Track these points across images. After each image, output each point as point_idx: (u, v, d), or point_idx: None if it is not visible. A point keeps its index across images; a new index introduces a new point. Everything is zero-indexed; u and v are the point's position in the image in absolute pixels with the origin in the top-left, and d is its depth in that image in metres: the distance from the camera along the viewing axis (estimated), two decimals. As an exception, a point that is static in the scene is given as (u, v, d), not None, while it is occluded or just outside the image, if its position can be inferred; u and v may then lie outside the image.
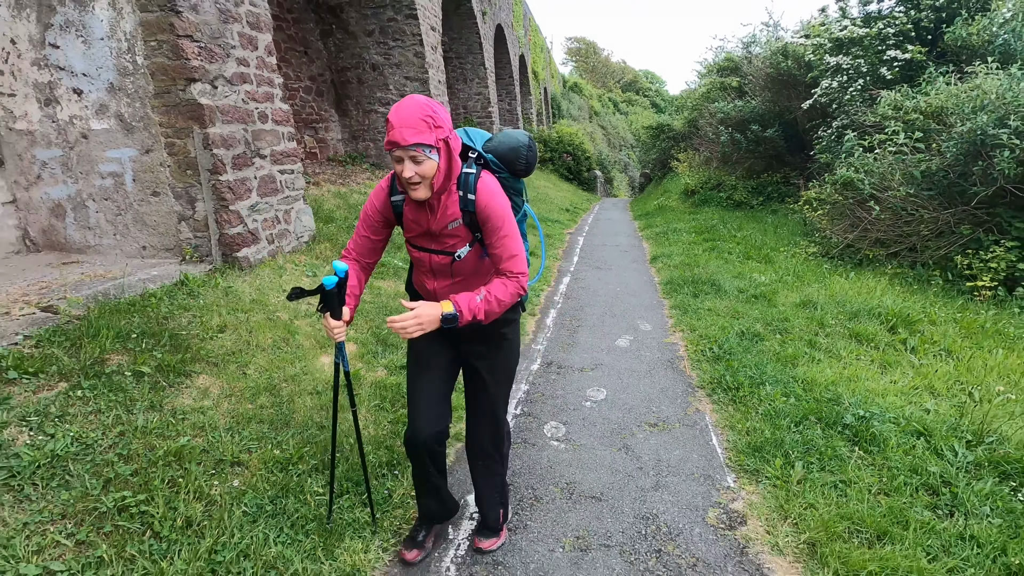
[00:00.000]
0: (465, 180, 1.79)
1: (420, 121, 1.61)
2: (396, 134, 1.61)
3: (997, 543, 2.02)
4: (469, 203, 1.78)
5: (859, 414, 2.93)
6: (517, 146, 1.94)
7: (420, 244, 1.88)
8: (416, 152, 1.63)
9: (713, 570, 2.05)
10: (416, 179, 1.66)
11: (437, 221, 1.80)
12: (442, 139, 1.67)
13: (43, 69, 3.92)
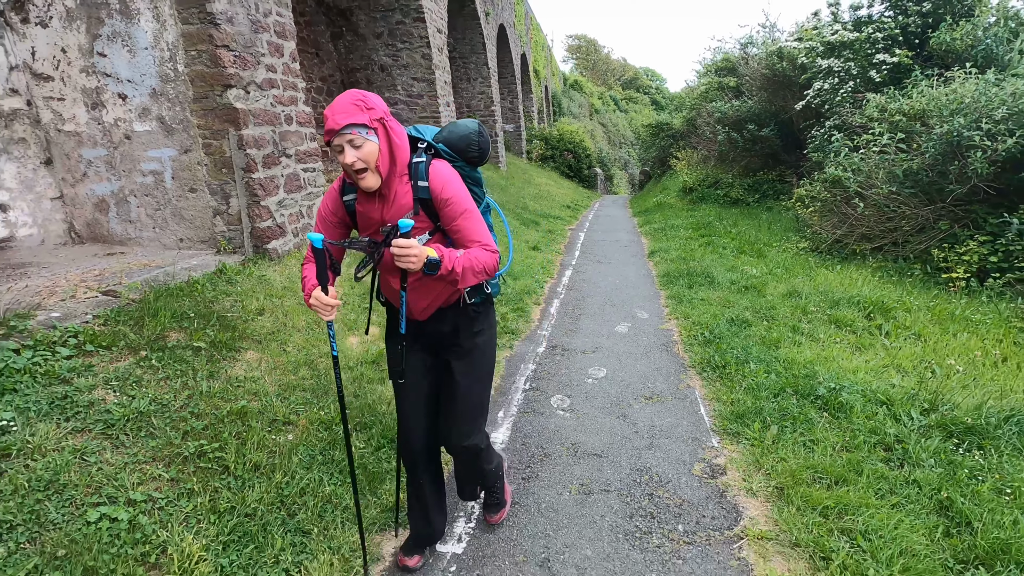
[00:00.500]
0: (416, 169, 1.78)
1: (350, 105, 1.63)
2: (329, 122, 1.62)
3: (935, 485, 2.42)
4: (421, 190, 1.76)
5: (831, 387, 3.32)
6: (467, 133, 1.94)
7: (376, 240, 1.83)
8: (352, 135, 1.62)
9: (696, 508, 2.45)
10: (360, 164, 1.65)
11: (391, 211, 1.77)
12: (376, 119, 1.66)
13: (91, 76, 4.30)
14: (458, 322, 1.99)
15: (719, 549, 2.19)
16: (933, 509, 2.30)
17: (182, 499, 2.13)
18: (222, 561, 1.90)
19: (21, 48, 4.30)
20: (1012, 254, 5.08)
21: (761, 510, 2.41)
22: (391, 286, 1.93)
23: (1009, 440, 2.71)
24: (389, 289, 1.97)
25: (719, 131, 12.00)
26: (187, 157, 4.36)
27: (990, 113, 5.32)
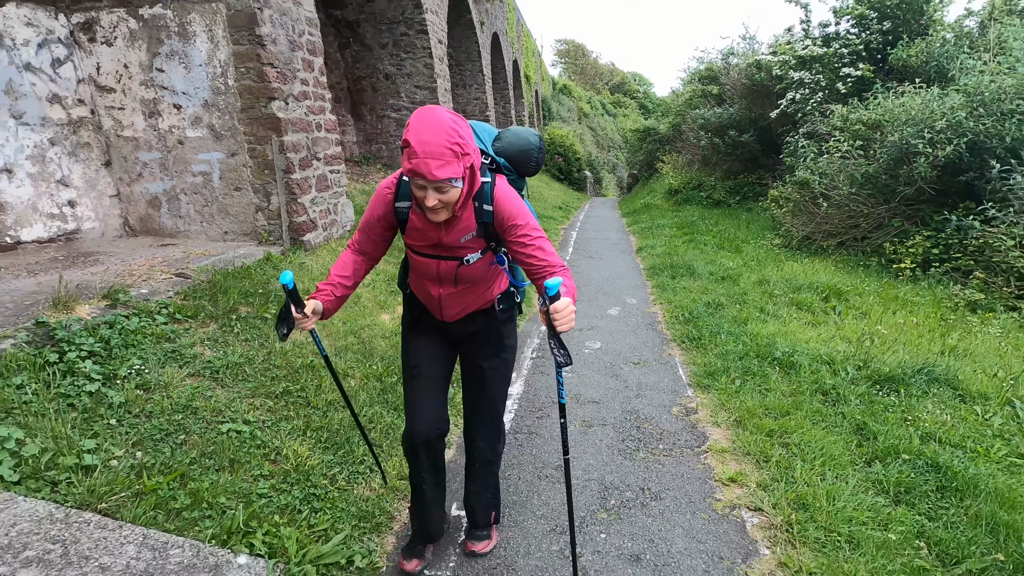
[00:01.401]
0: (481, 191, 1.74)
1: (446, 151, 1.51)
2: (421, 166, 1.51)
3: (856, 415, 3.17)
4: (485, 214, 1.74)
5: (785, 351, 4.08)
6: (528, 148, 1.92)
7: (426, 252, 1.83)
8: (443, 184, 1.56)
9: (673, 435, 3.18)
10: (439, 206, 1.62)
11: (451, 235, 1.76)
12: (467, 167, 1.60)
13: (149, 88, 4.96)
14: (487, 326, 2.02)
15: (689, 459, 2.92)
16: (851, 430, 3.05)
17: (282, 421, 2.82)
18: (324, 458, 2.60)
19: (87, 64, 4.95)
20: (950, 247, 5.91)
21: (723, 435, 3.15)
22: (428, 291, 1.92)
23: (919, 386, 3.47)
24: (425, 294, 1.95)
25: (702, 136, 12.84)
26: (233, 160, 5.03)
27: (932, 124, 6.15)
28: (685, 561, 2.18)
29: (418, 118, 1.52)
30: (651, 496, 2.60)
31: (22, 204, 4.59)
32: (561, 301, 1.55)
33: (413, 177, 1.54)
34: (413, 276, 1.98)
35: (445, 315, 1.95)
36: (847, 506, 2.35)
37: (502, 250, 1.89)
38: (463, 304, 1.94)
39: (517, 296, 2.09)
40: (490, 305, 1.99)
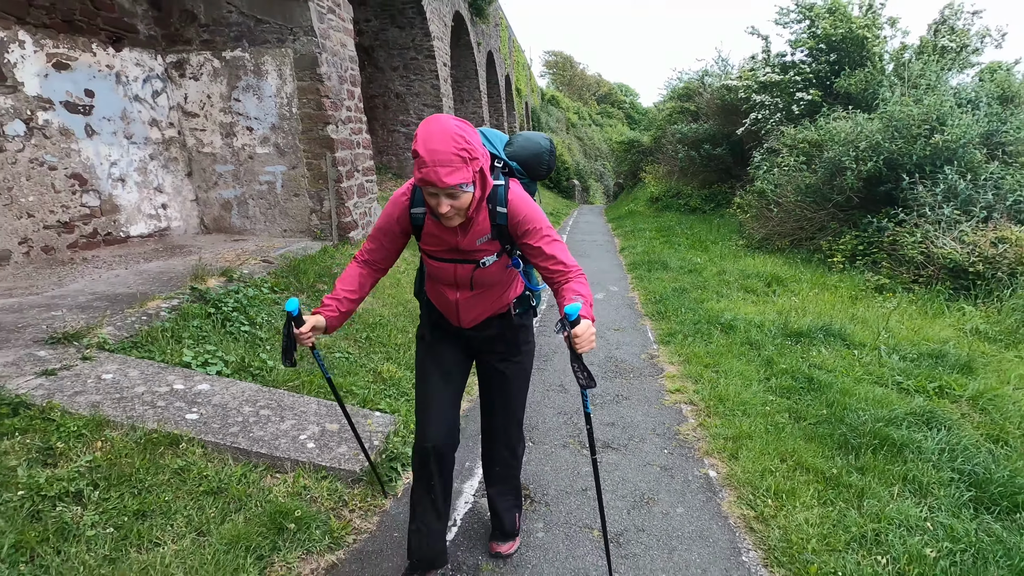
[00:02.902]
0: (495, 193, 1.79)
1: (455, 157, 1.55)
2: (431, 174, 1.55)
3: (768, 355, 4.56)
4: (499, 216, 1.79)
5: (728, 319, 5.48)
6: (539, 152, 1.96)
7: (442, 257, 1.86)
8: (454, 190, 1.59)
9: (639, 369, 4.55)
10: (453, 212, 1.65)
11: (467, 239, 1.80)
12: (477, 171, 1.63)
13: (227, 114, 6.28)
14: (504, 330, 2.04)
15: (649, 381, 4.29)
16: (762, 363, 4.44)
17: (371, 353, 4.15)
18: (406, 374, 3.94)
19: (178, 94, 6.27)
20: (871, 243, 7.40)
21: (674, 369, 4.53)
22: (446, 297, 1.94)
23: (818, 338, 4.88)
24: (442, 300, 1.98)
25: (680, 149, 14.39)
26: (294, 172, 6.36)
27: (858, 144, 7.67)
28: (642, 425, 3.53)
29: (425, 128, 1.57)
30: (623, 399, 3.96)
31: (131, 206, 5.88)
32: (581, 325, 1.62)
33: (425, 186, 1.59)
34: (429, 283, 2.01)
35: (462, 321, 1.97)
36: (746, 398, 3.74)
37: (517, 252, 1.93)
38: (480, 309, 1.96)
39: (533, 300, 2.12)
40: (506, 309, 2.02)
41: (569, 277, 1.79)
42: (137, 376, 3.12)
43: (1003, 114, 8.09)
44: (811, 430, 3.28)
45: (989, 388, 3.73)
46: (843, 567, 2.14)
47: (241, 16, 5.93)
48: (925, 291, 6.12)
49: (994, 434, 3.18)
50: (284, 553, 2.18)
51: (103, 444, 2.52)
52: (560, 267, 1.80)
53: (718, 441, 3.25)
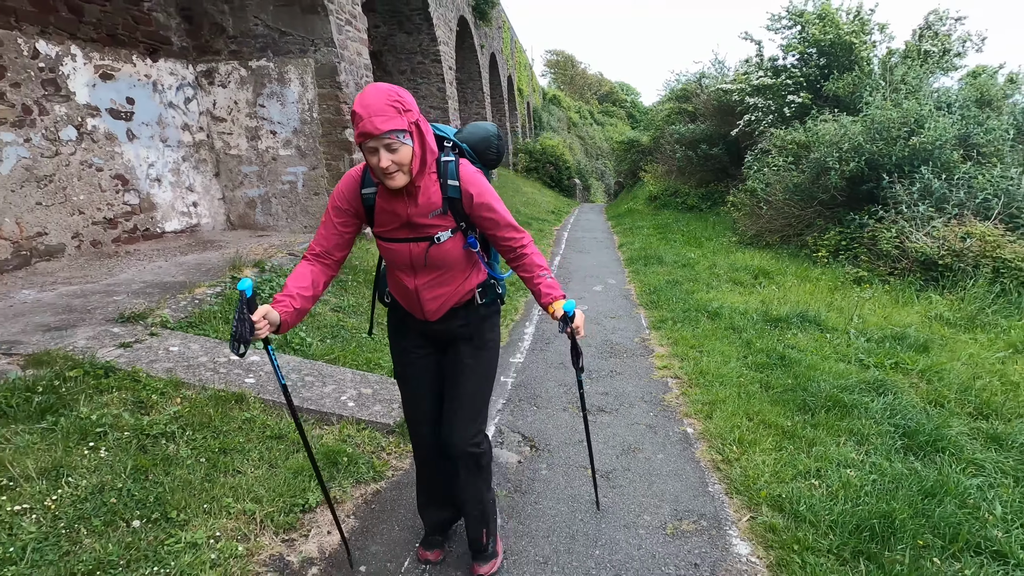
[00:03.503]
0: (445, 167, 1.82)
1: (388, 107, 1.61)
2: (367, 124, 1.60)
3: (748, 337, 5.11)
4: (451, 189, 1.81)
5: (715, 307, 6.03)
6: (487, 135, 2.03)
7: (396, 236, 1.86)
8: (391, 140, 1.62)
9: (632, 350, 5.10)
10: (393, 168, 1.66)
11: (418, 209, 1.80)
12: (412, 122, 1.67)
13: (252, 119, 6.83)
14: (469, 320, 2.04)
15: (640, 360, 4.83)
16: (742, 344, 4.98)
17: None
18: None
19: (207, 101, 6.82)
20: (853, 239, 7.93)
21: (663, 350, 5.07)
22: (405, 286, 1.94)
23: (794, 323, 5.42)
24: (401, 289, 1.98)
25: (677, 149, 14.92)
26: (314, 172, 6.91)
27: (841, 145, 8.20)
28: (632, 394, 4.08)
29: (361, 92, 1.65)
30: (616, 374, 4.51)
31: (166, 204, 6.44)
32: (578, 317, 1.91)
33: (364, 141, 1.63)
34: (390, 279, 2.01)
35: (426, 311, 1.96)
36: (724, 372, 4.28)
37: (474, 232, 1.95)
38: (442, 297, 1.95)
39: (499, 288, 2.11)
40: (470, 297, 2.01)
41: (525, 247, 1.96)
42: (198, 349, 3.68)
43: (980, 116, 8.62)
44: (777, 396, 3.83)
45: (937, 363, 4.28)
46: (787, 492, 2.68)
47: (267, 29, 6.48)
48: (899, 282, 6.65)
49: (934, 398, 3.72)
50: (339, 480, 2.73)
51: (182, 400, 3.07)
52: (514, 234, 1.94)
53: (696, 405, 3.79)
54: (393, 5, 10.48)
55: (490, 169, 2.13)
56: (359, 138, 1.64)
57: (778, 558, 2.30)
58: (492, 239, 1.97)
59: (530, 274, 1.97)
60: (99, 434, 2.62)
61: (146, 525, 2.17)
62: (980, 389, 3.78)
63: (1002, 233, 6.40)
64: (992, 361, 4.40)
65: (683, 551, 2.39)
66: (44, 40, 5.14)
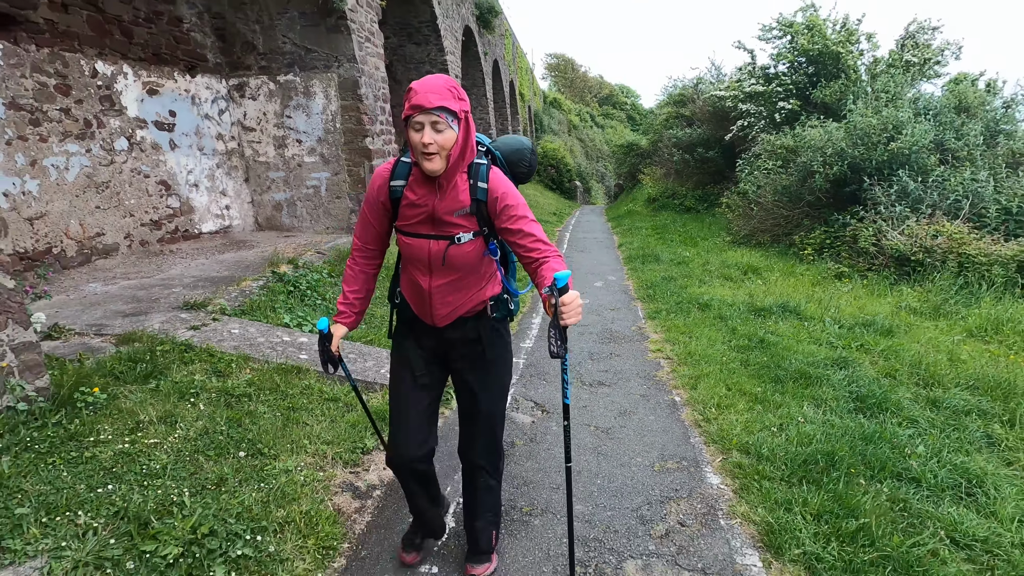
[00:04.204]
0: (477, 169, 1.84)
1: (445, 89, 1.64)
2: (421, 98, 1.61)
3: (733, 324, 5.74)
4: (479, 191, 1.82)
5: (705, 300, 6.66)
6: (522, 148, 2.08)
7: (418, 231, 1.86)
8: (439, 118, 1.64)
9: (629, 337, 5.73)
10: (434, 148, 1.67)
11: (445, 203, 1.81)
12: (464, 111, 1.71)
13: (279, 129, 7.48)
14: (480, 333, 2.02)
15: (636, 344, 5.47)
16: (727, 331, 5.61)
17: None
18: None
19: (238, 112, 7.47)
20: (837, 237, 8.57)
21: (657, 336, 5.71)
22: (419, 286, 1.94)
23: (776, 312, 6.06)
24: (414, 289, 1.98)
25: (675, 153, 15.58)
26: (336, 178, 7.56)
27: (825, 150, 8.85)
28: (628, 371, 4.70)
29: (421, 78, 1.70)
30: (615, 356, 5.14)
31: (202, 207, 7.08)
32: (570, 294, 1.60)
33: (413, 113, 1.65)
34: (404, 278, 2.03)
35: (436, 315, 1.95)
36: (710, 353, 4.91)
37: (495, 239, 1.95)
38: (454, 302, 1.94)
39: (511, 304, 2.09)
40: (482, 308, 2.00)
41: (548, 256, 1.80)
42: (255, 331, 4.32)
43: (956, 122, 9.27)
44: (754, 372, 4.46)
45: (897, 344, 4.91)
46: (753, 440, 3.31)
47: (294, 46, 7.14)
48: (876, 277, 7.29)
49: (888, 372, 4.35)
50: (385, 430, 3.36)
51: (251, 370, 3.71)
52: (539, 244, 1.82)
53: (684, 379, 4.43)
54: (403, 18, 11.14)
55: (519, 183, 2.11)
56: (409, 110, 1.66)
57: (741, 484, 2.93)
58: (513, 247, 1.88)
59: (542, 277, 1.77)
60: (193, 393, 3.26)
61: (247, 456, 2.80)
62: (928, 364, 4.41)
63: (968, 231, 7.04)
64: (947, 343, 5.03)
65: (667, 481, 3.02)
66: (101, 61, 5.80)
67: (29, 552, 1.97)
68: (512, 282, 2.16)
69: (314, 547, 2.33)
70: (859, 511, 2.56)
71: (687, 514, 2.73)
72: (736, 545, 2.49)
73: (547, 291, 1.65)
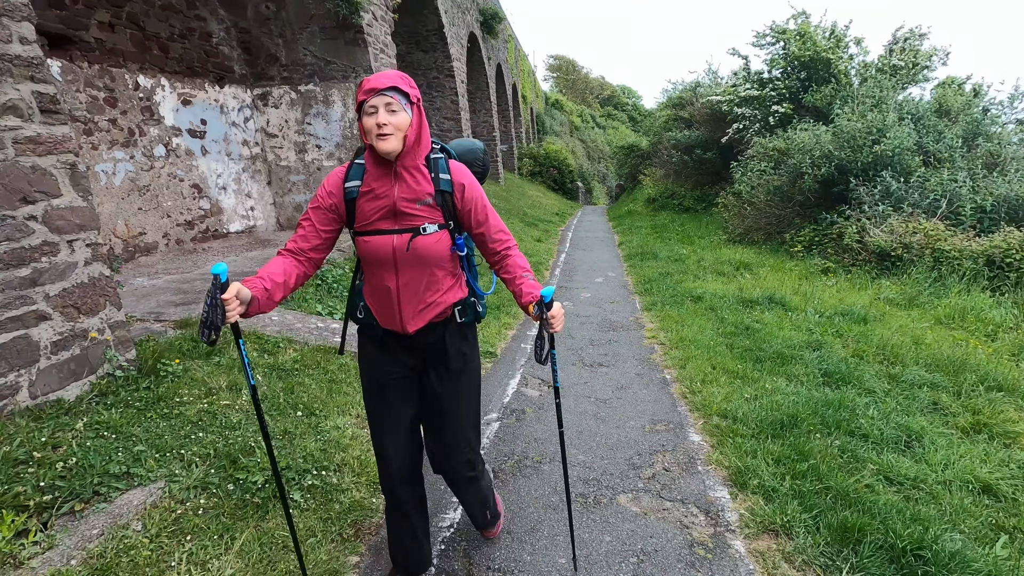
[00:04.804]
0: (435, 163, 1.86)
1: (396, 77, 1.74)
2: (373, 82, 1.70)
3: (722, 314, 6.30)
4: (443, 182, 1.85)
5: (699, 292, 7.22)
6: (473, 148, 2.17)
7: (379, 227, 1.82)
8: (392, 98, 1.68)
9: (627, 326, 6.29)
10: (389, 128, 1.69)
11: (405, 189, 1.80)
12: (416, 97, 1.77)
13: (300, 135, 8.06)
14: (447, 338, 2.00)
15: (634, 332, 6.03)
16: (717, 320, 6.17)
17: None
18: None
19: (261, 119, 8.06)
20: (825, 235, 9.12)
21: (653, 325, 6.27)
22: (385, 285, 1.88)
23: (763, 304, 6.62)
24: (380, 293, 1.92)
25: (674, 154, 16.14)
26: (353, 180, 8.13)
27: (813, 152, 9.41)
28: (625, 354, 5.26)
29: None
30: (614, 342, 5.70)
31: (230, 208, 7.67)
32: (556, 307, 1.80)
33: (366, 98, 1.70)
34: (367, 286, 1.97)
35: (405, 317, 1.90)
36: (699, 339, 5.47)
37: (460, 234, 1.94)
38: (421, 303, 1.90)
39: (479, 306, 2.09)
40: (449, 313, 1.99)
41: (511, 248, 1.96)
42: (292, 318, 4.89)
43: (939, 125, 9.82)
44: (737, 354, 5.02)
45: (868, 330, 5.47)
46: (731, 407, 3.86)
47: (314, 58, 7.72)
48: (859, 271, 7.85)
49: (857, 353, 4.91)
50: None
51: (294, 350, 4.28)
52: (502, 236, 1.96)
53: (674, 360, 4.99)
54: (412, 27, 11.73)
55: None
56: (362, 95, 1.71)
57: (718, 440, 3.49)
58: (479, 238, 1.95)
59: (512, 275, 1.93)
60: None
61: (303, 416, 3.37)
62: (893, 346, 4.97)
63: (944, 228, 7.59)
64: (915, 329, 5.59)
65: (655, 439, 3.58)
66: (142, 75, 6.38)
67: (151, 477, 2.54)
68: (476, 284, 2.13)
69: (366, 482, 2.90)
70: (811, 456, 3.12)
71: (671, 462, 3.29)
72: (710, 483, 3.05)
73: (536, 311, 1.83)
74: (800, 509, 2.70)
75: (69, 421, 2.79)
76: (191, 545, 2.23)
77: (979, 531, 2.59)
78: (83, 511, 2.32)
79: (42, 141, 2.92)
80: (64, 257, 3.03)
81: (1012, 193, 7.70)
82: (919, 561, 2.31)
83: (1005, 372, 4.36)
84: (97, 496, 2.39)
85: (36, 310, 2.88)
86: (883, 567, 2.31)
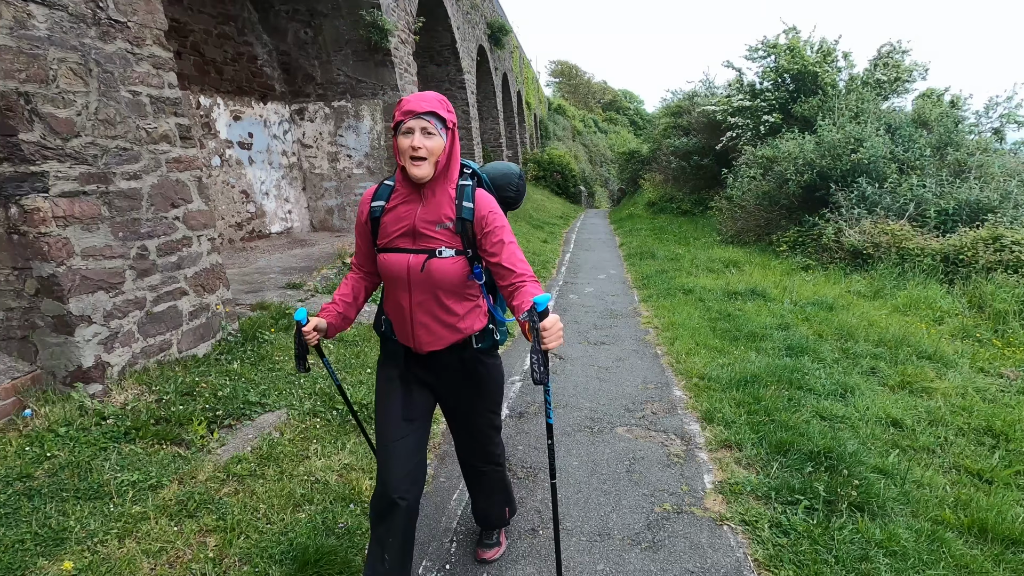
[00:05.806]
0: (462, 190, 1.89)
1: (436, 100, 1.78)
2: (413, 104, 1.74)
3: (710, 304, 7.29)
4: (464, 210, 1.87)
5: (691, 286, 8.22)
6: (509, 173, 2.18)
7: (397, 246, 1.89)
8: (429, 123, 1.74)
9: (626, 314, 7.29)
10: (423, 152, 1.74)
11: (427, 211, 1.86)
12: (452, 123, 1.82)
13: (333, 146, 9.09)
14: (463, 362, 2.06)
15: (632, 319, 7.02)
16: (704, 309, 7.17)
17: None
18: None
19: (298, 132, 9.10)
20: (807, 236, 10.13)
21: (649, 314, 7.27)
22: (400, 304, 1.95)
23: (746, 295, 7.61)
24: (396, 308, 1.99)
25: (673, 160, 17.17)
26: (380, 186, 9.16)
27: (797, 160, 10.43)
28: (623, 335, 6.25)
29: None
30: (614, 325, 6.70)
31: (271, 212, 8.70)
32: (550, 318, 1.63)
33: (404, 119, 1.76)
34: (388, 304, 2.04)
35: (417, 337, 1.97)
36: (687, 323, 6.46)
37: (479, 263, 1.94)
38: (434, 329, 1.96)
39: (496, 334, 2.13)
40: (468, 338, 2.03)
41: (526, 280, 1.85)
42: (344, 304, 5.91)
43: (914, 135, 10.83)
44: (718, 334, 6.02)
45: (832, 316, 6.46)
46: (707, 371, 4.86)
47: (346, 77, 8.76)
48: (835, 268, 8.85)
49: (818, 333, 5.90)
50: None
51: (353, 328, 5.29)
52: (518, 267, 1.87)
53: (665, 339, 5.99)
54: (427, 44, 12.78)
55: (508, 209, 2.18)
56: (399, 115, 1.77)
57: (695, 394, 4.49)
58: (494, 269, 1.90)
59: (519, 301, 1.81)
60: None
61: (371, 374, 4.37)
62: (850, 327, 5.96)
63: (910, 229, 8.59)
64: (873, 315, 6.58)
65: (646, 393, 4.58)
66: (203, 95, 7.42)
67: (277, 406, 3.55)
68: (499, 311, 2.18)
69: (426, 417, 3.90)
70: (763, 400, 4.12)
71: (657, 409, 4.29)
72: (686, 421, 4.05)
73: (525, 316, 1.68)
74: (750, 432, 3.70)
75: (206, 369, 3.81)
76: (316, 446, 3.24)
77: (882, 449, 3.59)
78: (236, 425, 3.33)
79: (182, 160, 3.95)
80: (195, 248, 4.05)
81: (972, 197, 8.70)
82: (828, 459, 3.31)
83: (935, 346, 5.36)
84: (244, 416, 3.40)
85: (180, 287, 3.90)
86: (802, 463, 3.31)
